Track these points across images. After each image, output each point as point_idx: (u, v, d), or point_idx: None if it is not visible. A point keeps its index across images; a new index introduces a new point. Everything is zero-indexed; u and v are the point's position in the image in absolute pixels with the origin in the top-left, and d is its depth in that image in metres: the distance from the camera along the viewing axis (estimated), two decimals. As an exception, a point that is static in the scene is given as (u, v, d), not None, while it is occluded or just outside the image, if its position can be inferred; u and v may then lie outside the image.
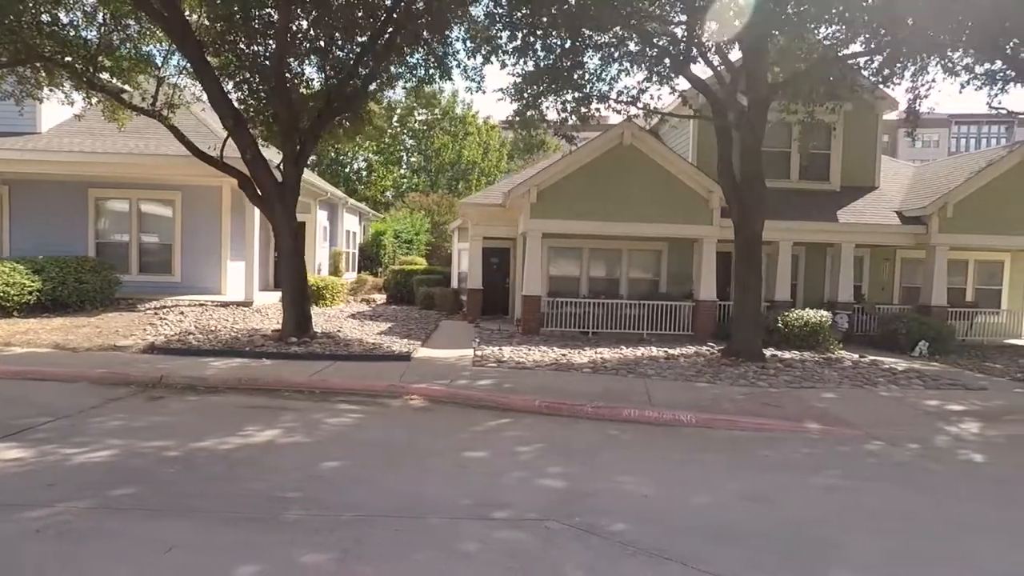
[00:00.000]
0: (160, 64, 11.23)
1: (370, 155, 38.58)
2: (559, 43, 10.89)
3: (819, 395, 9.07)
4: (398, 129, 37.61)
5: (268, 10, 9.24)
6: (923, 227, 15.60)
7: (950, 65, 13.50)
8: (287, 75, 10.14)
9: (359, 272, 23.22)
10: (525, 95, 11.82)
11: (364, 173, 39.70)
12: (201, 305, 14.15)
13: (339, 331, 12.69)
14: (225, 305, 14.32)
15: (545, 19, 10.49)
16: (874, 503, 5.16)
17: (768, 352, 12.58)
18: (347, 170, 37.62)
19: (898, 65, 13.06)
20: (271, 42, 9.65)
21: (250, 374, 9.07)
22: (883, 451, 6.69)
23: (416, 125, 38.03)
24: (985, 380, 10.85)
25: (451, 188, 36.14)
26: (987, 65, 14.03)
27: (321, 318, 14.69)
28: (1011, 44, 13.22)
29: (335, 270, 19.90)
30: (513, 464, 5.82)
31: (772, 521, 4.68)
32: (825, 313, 13.99)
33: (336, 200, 20.31)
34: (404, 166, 39.46)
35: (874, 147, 17.51)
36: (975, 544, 4.36)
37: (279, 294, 16.96)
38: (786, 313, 14.02)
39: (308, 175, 18.26)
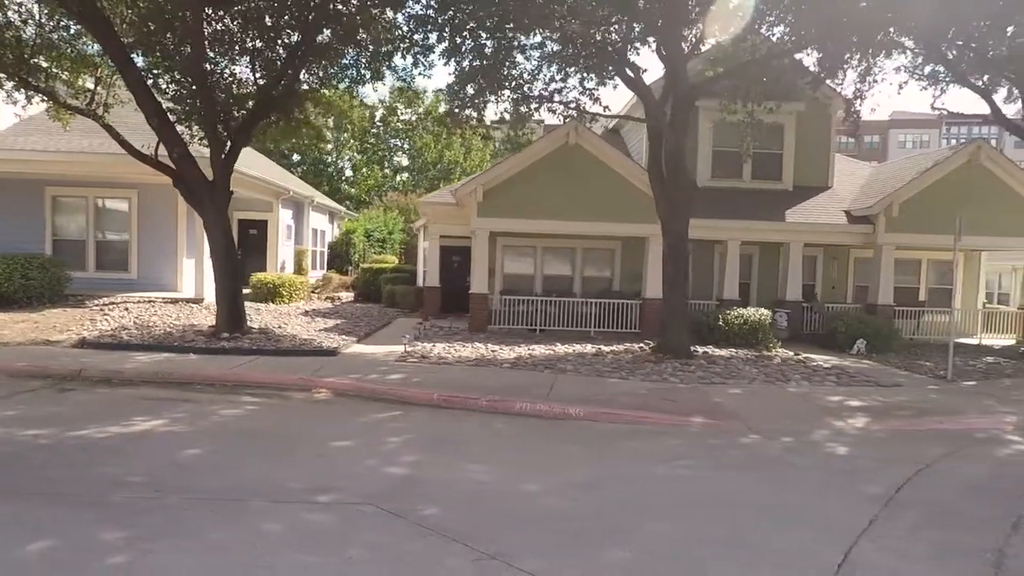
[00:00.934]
0: (97, 63, 11.43)
1: (354, 155, 38.85)
2: (489, 45, 11.06)
3: (725, 391, 9.22)
4: (381, 129, 37.94)
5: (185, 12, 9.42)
6: (870, 227, 15.72)
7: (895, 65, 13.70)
8: (210, 75, 10.36)
9: (328, 270, 23.45)
10: (460, 95, 12.00)
11: (349, 173, 39.99)
12: (151, 302, 14.40)
13: (280, 327, 12.91)
14: (175, 302, 14.55)
15: (472, 22, 10.67)
16: (704, 492, 5.32)
17: (702, 349, 12.75)
18: (331, 169, 37.92)
19: (840, 66, 13.20)
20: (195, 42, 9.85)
21: (168, 368, 9.28)
22: (754, 444, 6.83)
23: (399, 125, 38.33)
24: (905, 377, 10.99)
25: (432, 188, 36.34)
26: (931, 67, 14.18)
27: (271, 315, 14.90)
28: (953, 51, 13.36)
29: (299, 268, 20.13)
30: (372, 453, 6.01)
31: (588, 507, 4.85)
32: (765, 311, 14.14)
33: (302, 198, 20.54)
34: (387, 166, 39.70)
35: (827, 147, 17.63)
36: (768, 531, 4.50)
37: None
38: (728, 311, 14.16)
39: (269, 173, 18.46)
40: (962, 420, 8.07)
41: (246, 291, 17.05)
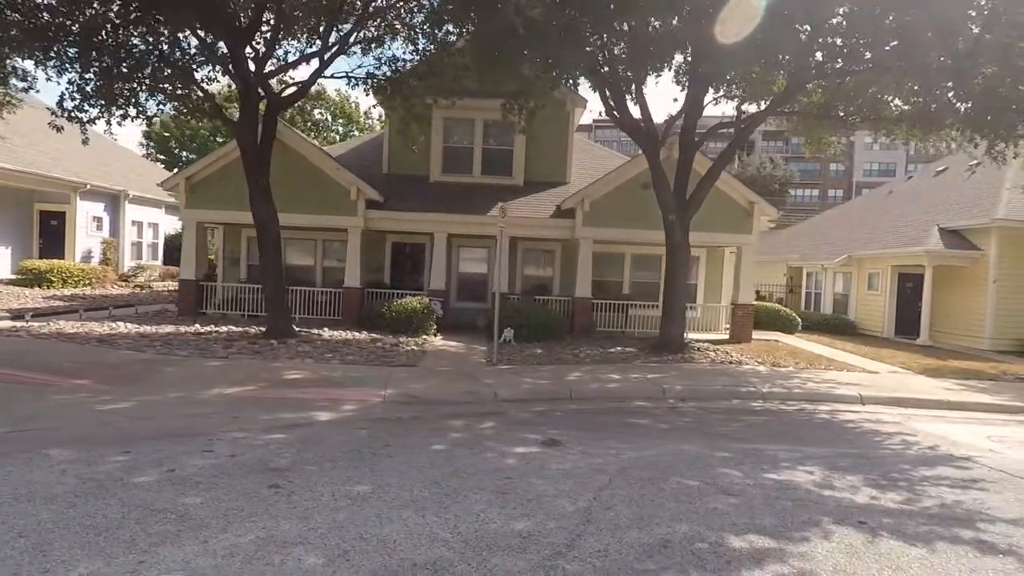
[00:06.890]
0: None
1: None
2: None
3: (204, 363, 10.01)
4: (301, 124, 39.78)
5: None
6: (572, 221, 16.05)
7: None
8: None
9: (165, 262, 24.89)
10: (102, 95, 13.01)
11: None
12: None
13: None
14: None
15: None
16: None
17: (321, 332, 13.49)
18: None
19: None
20: None
21: None
22: (57, 399, 7.62)
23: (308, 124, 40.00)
24: (457, 360, 11.47)
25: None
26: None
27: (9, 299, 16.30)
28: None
29: (106, 258, 21.56)
30: None
31: None
32: (426, 300, 14.73)
33: (116, 192, 22.00)
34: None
35: (565, 143, 17.95)
36: None
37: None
38: (393, 301, 14.82)
39: (60, 170, 19.86)
40: (277, 391, 8.62)
41: (13, 276, 18.61)
